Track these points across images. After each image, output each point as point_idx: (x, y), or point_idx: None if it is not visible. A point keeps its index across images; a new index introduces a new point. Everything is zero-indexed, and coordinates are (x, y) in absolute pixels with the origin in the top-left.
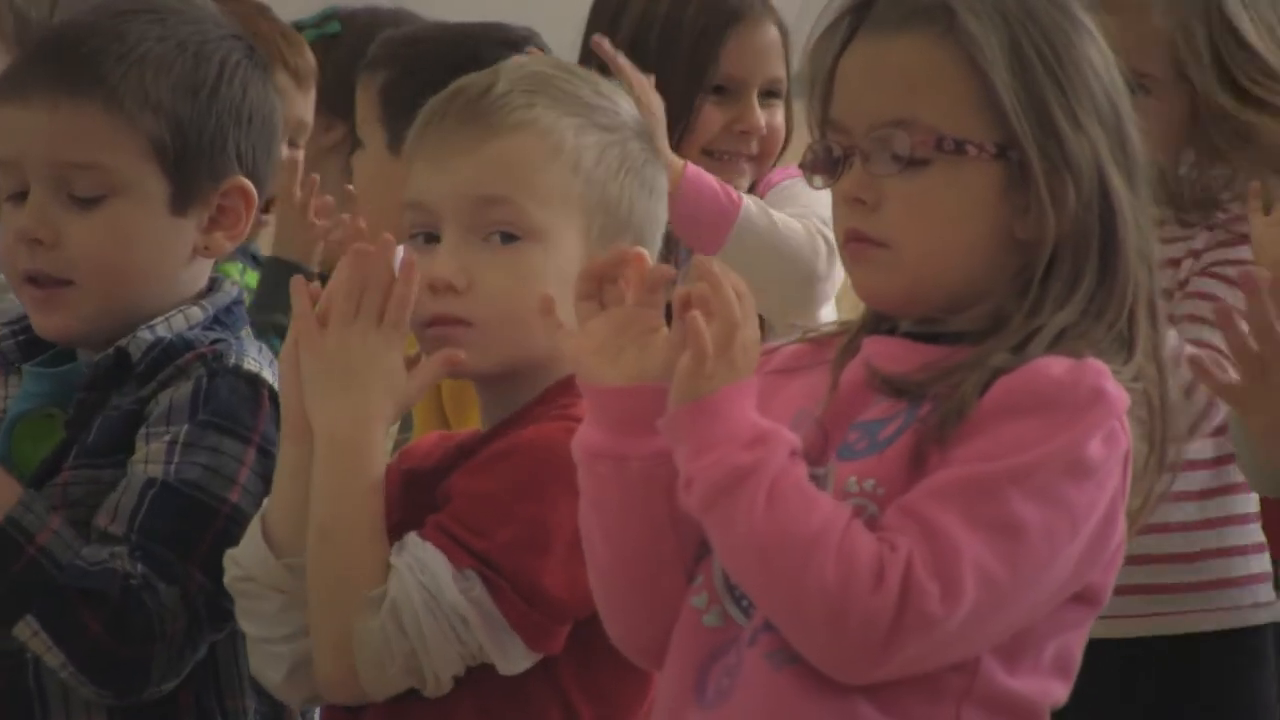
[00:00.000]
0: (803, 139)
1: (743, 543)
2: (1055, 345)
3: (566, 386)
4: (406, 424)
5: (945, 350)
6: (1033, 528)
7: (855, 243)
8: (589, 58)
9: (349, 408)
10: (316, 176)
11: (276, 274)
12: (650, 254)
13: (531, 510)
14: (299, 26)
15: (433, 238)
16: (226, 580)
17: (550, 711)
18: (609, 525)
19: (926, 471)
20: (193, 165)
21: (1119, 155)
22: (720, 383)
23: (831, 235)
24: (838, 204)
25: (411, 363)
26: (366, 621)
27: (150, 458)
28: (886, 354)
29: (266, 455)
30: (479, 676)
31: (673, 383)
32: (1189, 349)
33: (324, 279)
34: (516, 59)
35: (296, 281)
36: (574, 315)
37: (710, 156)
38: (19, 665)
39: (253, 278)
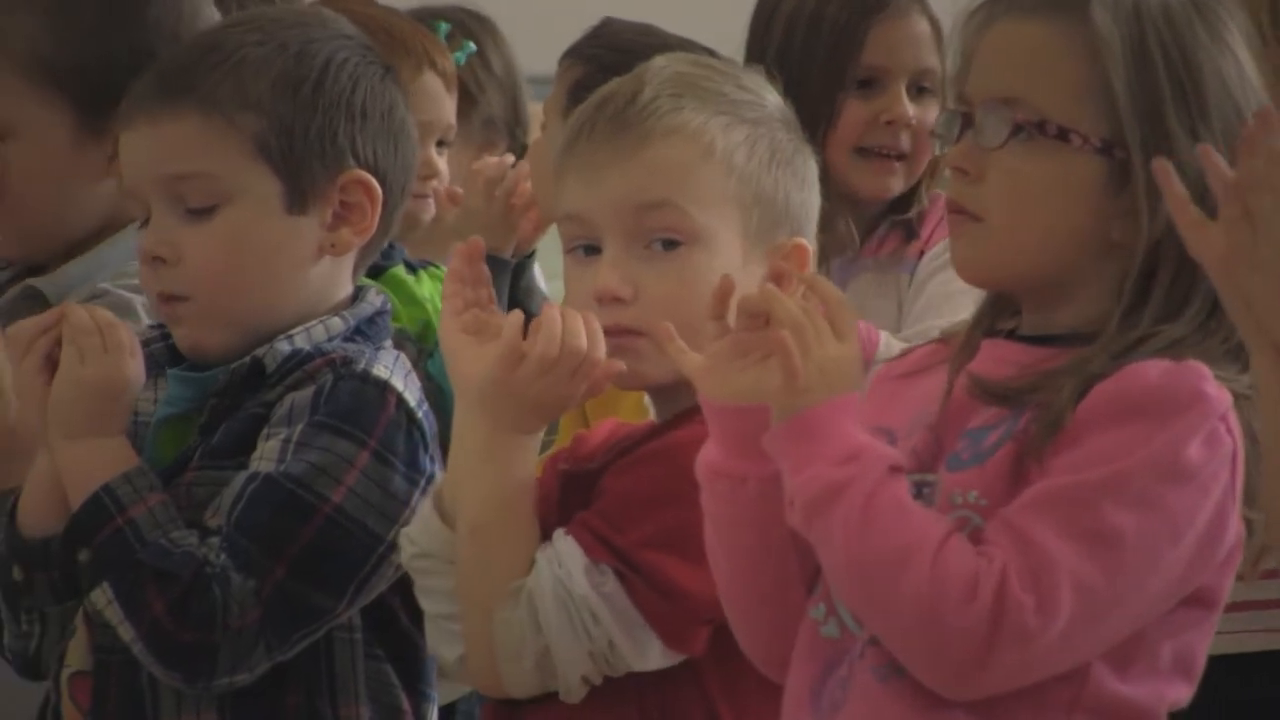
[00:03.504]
0: None
1: (840, 558)
2: (1167, 352)
3: None
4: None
5: (1051, 352)
6: (1130, 536)
7: (955, 214)
8: (753, 58)
9: (511, 424)
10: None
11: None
12: (809, 243)
13: (673, 510)
14: None
15: (593, 249)
16: (404, 559)
17: (694, 717)
18: (729, 541)
19: (1026, 484)
20: (302, 161)
21: None
22: (816, 399)
23: None
24: (948, 173)
25: None
26: (507, 613)
27: (265, 455)
28: (997, 358)
29: (383, 461)
30: (623, 682)
31: (771, 401)
32: None
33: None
34: (658, 60)
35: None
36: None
37: (861, 156)
38: (133, 665)
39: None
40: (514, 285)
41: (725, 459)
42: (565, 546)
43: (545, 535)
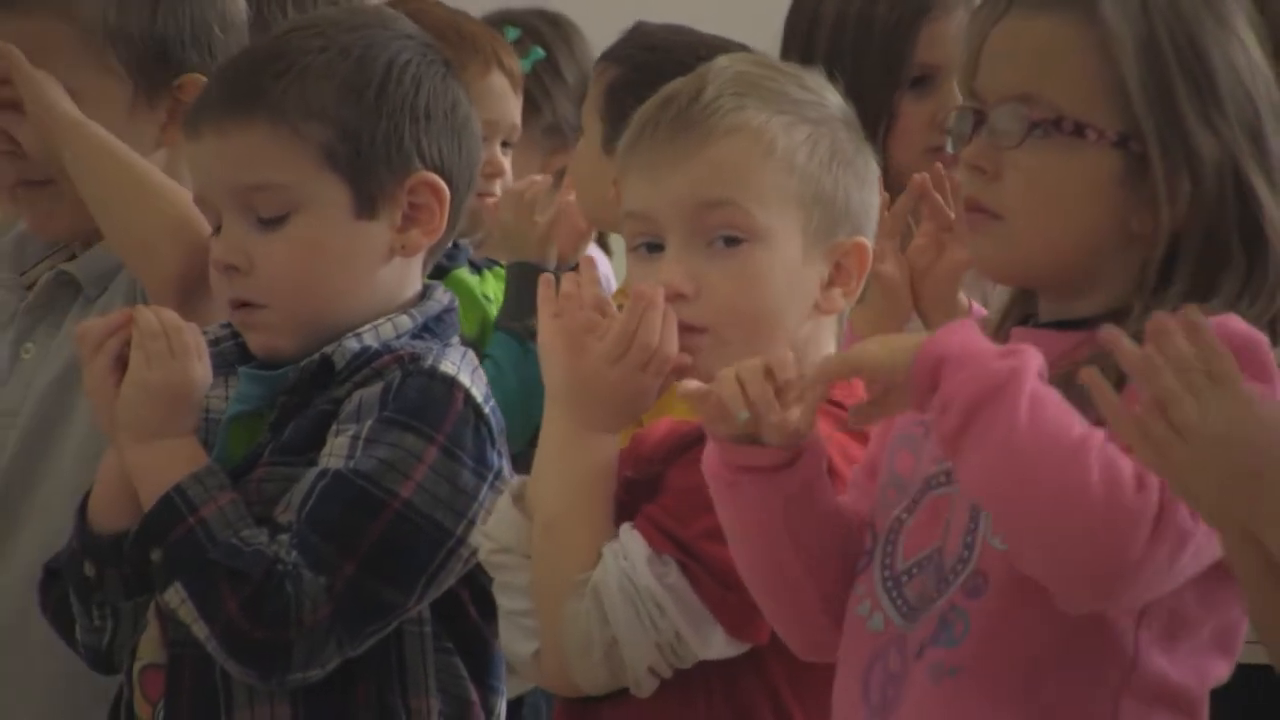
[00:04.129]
0: None
1: (1003, 451)
2: None
3: None
4: None
5: (1077, 338)
6: None
7: (973, 212)
8: (792, 59)
9: (589, 421)
10: (538, 178)
11: (521, 278)
12: (869, 241)
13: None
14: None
15: (655, 247)
16: (482, 556)
17: (761, 708)
18: (733, 536)
19: None
20: (370, 167)
21: (1259, 156)
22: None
23: None
24: (962, 172)
25: None
26: (573, 605)
27: (334, 451)
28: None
29: (451, 457)
30: (691, 675)
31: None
32: None
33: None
34: (720, 60)
35: (544, 284)
36: (795, 312)
37: (935, 154)
38: (205, 659)
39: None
40: None
41: (720, 464)
42: (629, 539)
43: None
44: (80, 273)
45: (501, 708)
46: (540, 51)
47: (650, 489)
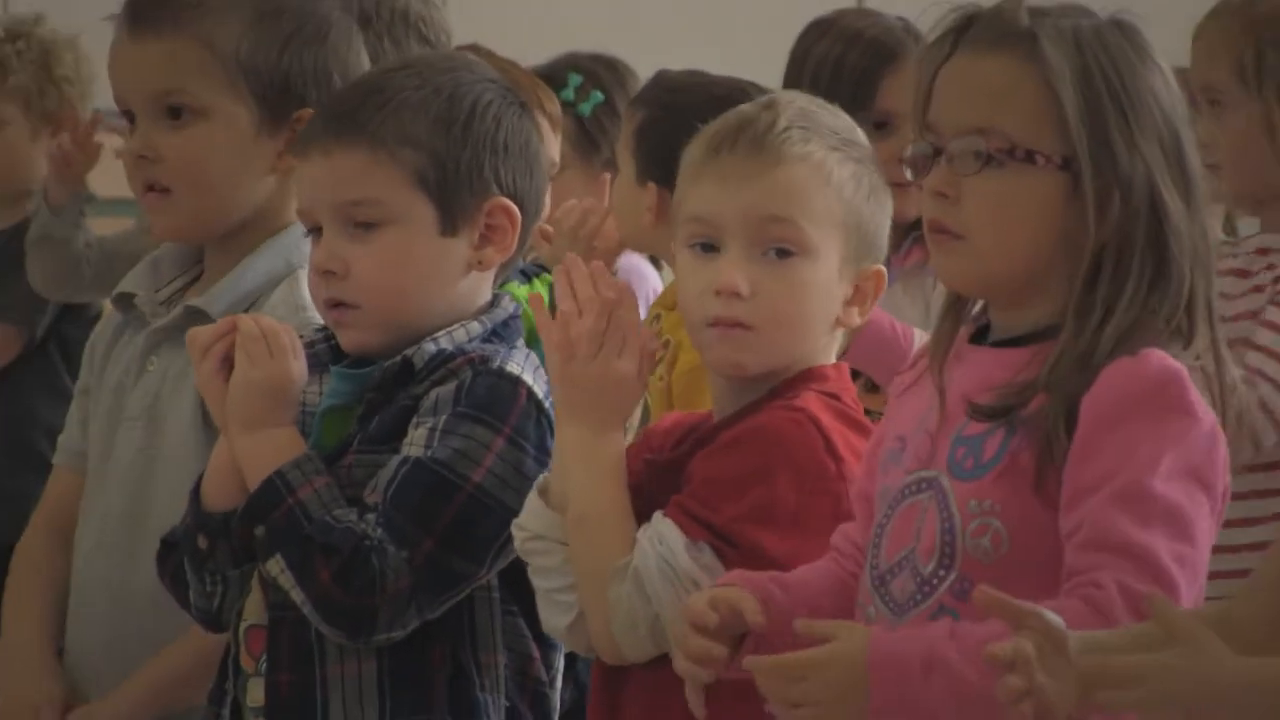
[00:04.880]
0: None
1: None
2: (1116, 350)
3: (793, 382)
4: (646, 417)
5: (1023, 357)
6: (1188, 502)
7: (937, 233)
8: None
9: (595, 421)
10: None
11: None
12: (885, 270)
13: (760, 490)
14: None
15: (709, 247)
16: (517, 545)
17: None
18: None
19: (1048, 494)
20: (454, 191)
21: (1176, 175)
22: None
23: None
24: (925, 197)
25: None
26: (617, 589)
27: (414, 441)
28: (980, 374)
29: (516, 446)
30: None
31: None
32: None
33: None
34: (786, 94)
35: (535, 303)
36: (824, 323)
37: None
38: (302, 620)
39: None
40: None
41: None
42: (665, 528)
43: (643, 517)
44: (210, 309)
45: (559, 662)
46: (600, 95)
47: (671, 473)
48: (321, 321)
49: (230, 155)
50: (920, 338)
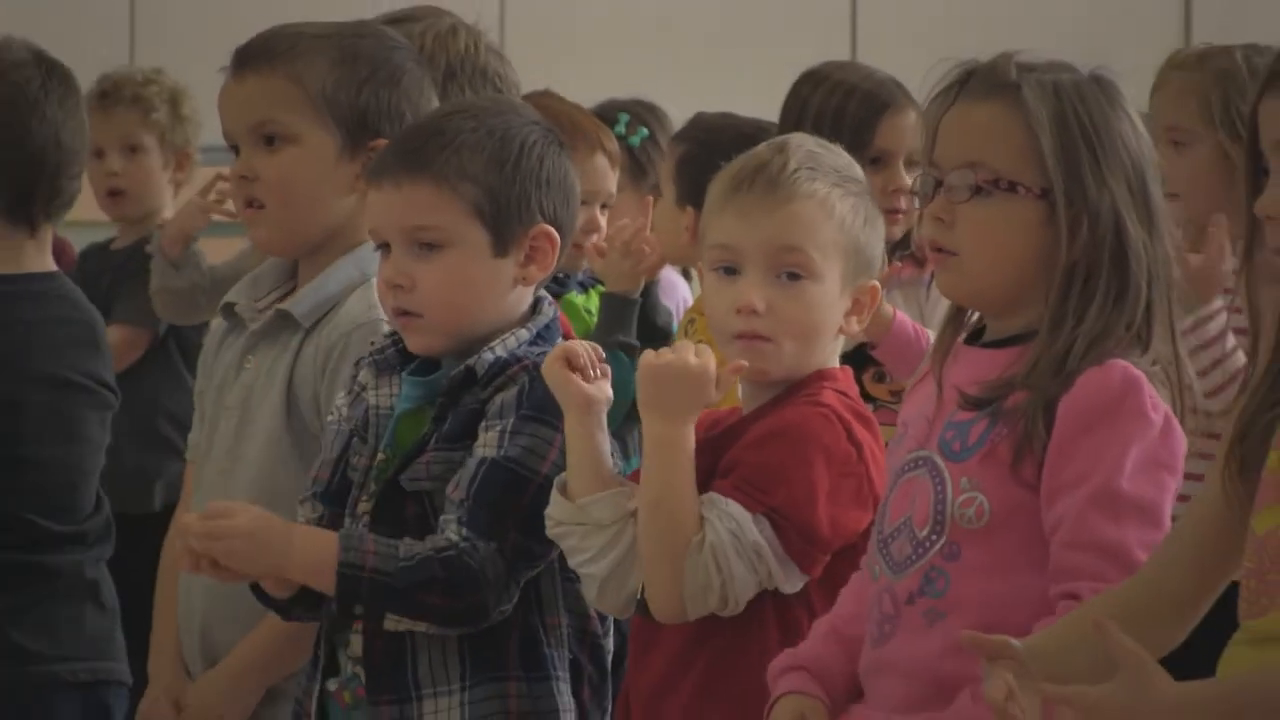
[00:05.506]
0: None
1: None
2: (1091, 353)
3: (810, 381)
4: None
5: (1008, 357)
6: (1153, 494)
7: (936, 252)
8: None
9: (671, 413)
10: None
11: (611, 306)
12: (879, 285)
13: (802, 473)
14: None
15: (731, 270)
16: (549, 531)
17: (801, 624)
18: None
19: (1023, 478)
20: (505, 220)
21: (1140, 207)
22: None
23: None
24: (927, 221)
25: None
26: (694, 560)
27: (487, 443)
28: (971, 371)
29: None
30: (755, 600)
31: None
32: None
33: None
34: (795, 138)
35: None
36: (829, 333)
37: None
38: None
39: (579, 300)
40: (642, 308)
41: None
42: (733, 508)
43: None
44: (296, 311)
45: (610, 622)
46: (645, 131)
47: (702, 455)
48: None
49: (315, 175)
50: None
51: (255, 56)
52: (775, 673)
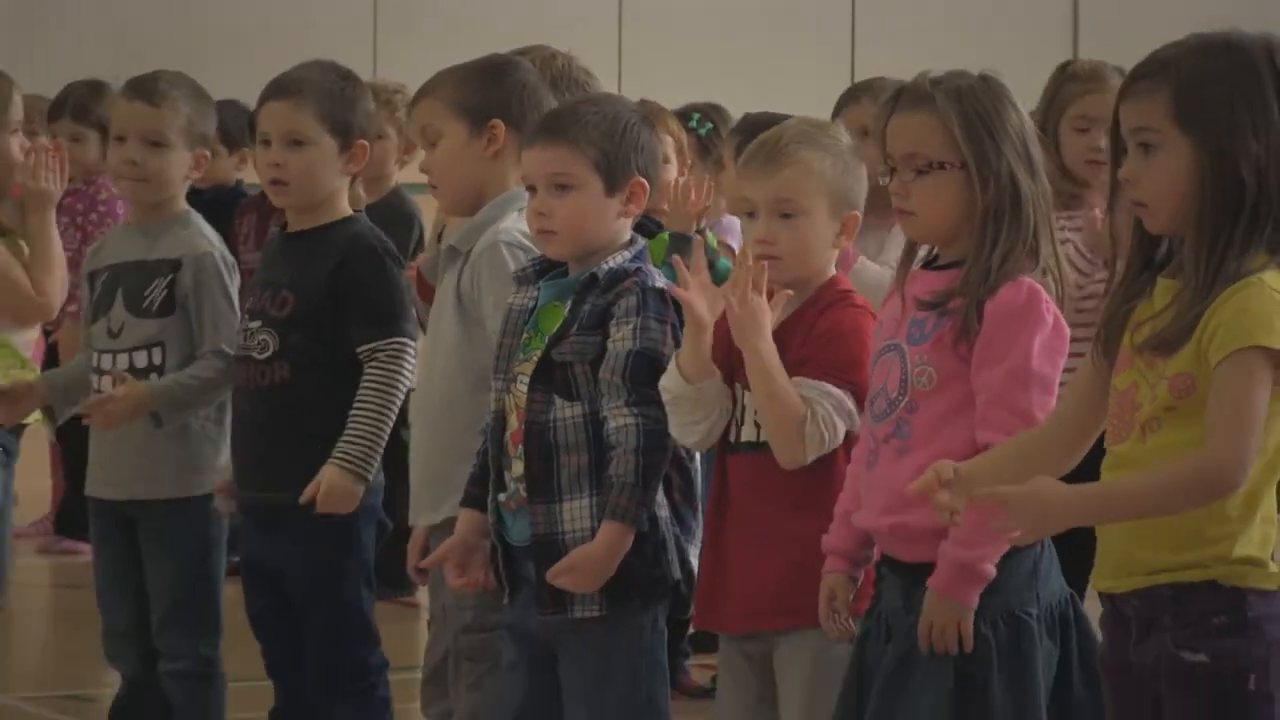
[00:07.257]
0: None
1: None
2: (1003, 267)
3: (829, 287)
4: None
5: (949, 275)
6: (1049, 370)
7: (900, 212)
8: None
9: (757, 334)
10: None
11: (675, 240)
12: (859, 214)
13: (860, 358)
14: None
15: (753, 215)
16: (664, 399)
17: (838, 461)
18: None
19: (961, 356)
20: (614, 172)
21: (1026, 163)
22: None
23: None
24: (892, 193)
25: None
26: (811, 428)
27: (624, 336)
28: (924, 285)
29: (675, 328)
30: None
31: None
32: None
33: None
34: (792, 121)
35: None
36: (824, 249)
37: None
38: (545, 432)
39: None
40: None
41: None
42: (827, 387)
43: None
44: (458, 242)
45: (697, 477)
46: (710, 124)
47: (780, 345)
48: (534, 250)
49: (454, 155)
50: (863, 264)
51: (424, 89)
52: (825, 550)
